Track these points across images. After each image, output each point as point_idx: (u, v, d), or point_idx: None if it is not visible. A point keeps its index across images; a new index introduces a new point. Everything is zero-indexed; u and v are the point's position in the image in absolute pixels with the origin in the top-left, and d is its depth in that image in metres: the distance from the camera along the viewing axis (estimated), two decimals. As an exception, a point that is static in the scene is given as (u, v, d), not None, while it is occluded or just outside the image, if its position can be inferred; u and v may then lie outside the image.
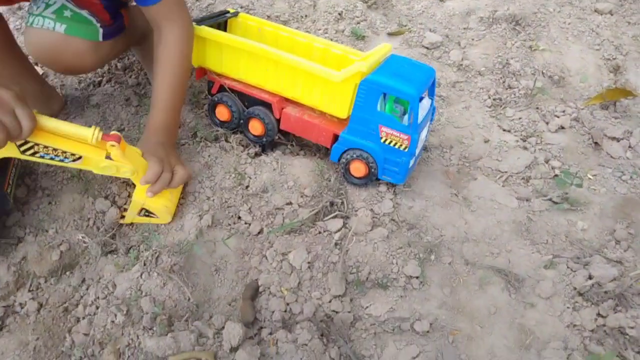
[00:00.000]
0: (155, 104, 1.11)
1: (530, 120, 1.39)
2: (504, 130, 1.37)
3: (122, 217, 1.08)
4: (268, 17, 1.75)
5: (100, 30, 1.13)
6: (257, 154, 1.25)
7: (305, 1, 1.84)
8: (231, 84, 1.22)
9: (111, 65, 1.51)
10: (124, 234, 1.08)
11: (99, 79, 1.47)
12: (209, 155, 1.22)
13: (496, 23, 1.68)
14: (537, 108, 1.43)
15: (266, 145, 1.25)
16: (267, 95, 1.19)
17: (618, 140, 1.34)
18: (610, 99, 1.42)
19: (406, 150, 1.10)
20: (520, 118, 1.40)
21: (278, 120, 1.20)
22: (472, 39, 1.65)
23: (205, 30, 1.16)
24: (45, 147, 0.90)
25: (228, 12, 1.29)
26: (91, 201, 1.10)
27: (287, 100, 1.20)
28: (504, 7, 1.76)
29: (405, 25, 1.74)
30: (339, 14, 1.76)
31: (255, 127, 1.21)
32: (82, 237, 1.02)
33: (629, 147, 1.33)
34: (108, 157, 0.94)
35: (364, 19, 1.75)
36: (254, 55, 1.14)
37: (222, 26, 1.28)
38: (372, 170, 1.14)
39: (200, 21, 1.19)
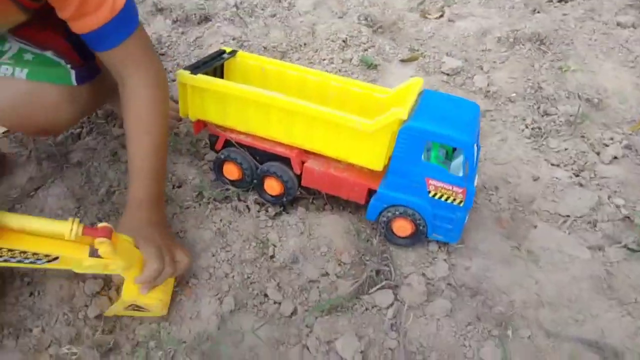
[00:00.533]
0: (135, 176, 0.89)
1: (579, 151, 1.23)
2: (552, 164, 1.21)
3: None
4: (264, 48, 1.57)
5: (73, 72, 0.91)
6: (277, 214, 1.04)
7: (302, 28, 1.67)
8: (239, 138, 1.02)
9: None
10: (125, 325, 0.86)
11: (78, 130, 1.24)
12: (220, 220, 1.01)
13: (518, 43, 1.54)
14: (582, 136, 1.28)
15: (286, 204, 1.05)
16: (284, 148, 1.00)
17: (679, 168, 1.19)
18: (659, 122, 1.28)
19: (461, 204, 0.92)
20: (566, 149, 1.25)
21: (298, 176, 1.01)
22: (495, 62, 1.50)
23: (204, 80, 0.96)
24: (11, 250, 0.68)
25: (224, 52, 1.09)
26: (82, 286, 0.88)
27: (307, 152, 1.00)
28: (521, 26, 1.62)
29: (418, 50, 1.58)
30: (343, 41, 1.59)
31: (273, 187, 1.01)
32: (68, 348, 0.79)
33: (692, 175, 1.18)
34: (94, 253, 0.72)
35: (371, 45, 1.58)
36: (265, 105, 0.94)
37: (219, 69, 1.08)
38: (420, 228, 0.96)
39: (195, 68, 0.99)
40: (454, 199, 0.93)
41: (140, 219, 0.86)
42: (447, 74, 1.47)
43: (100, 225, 0.69)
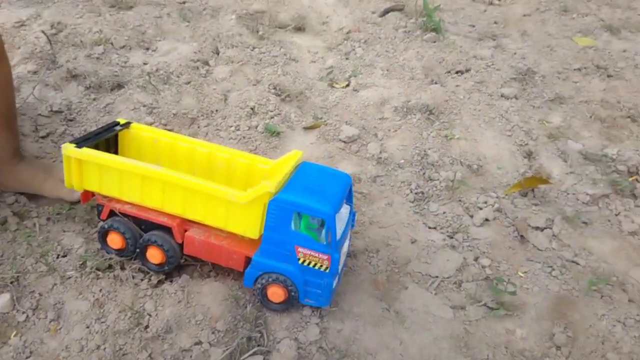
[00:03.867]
0: None
1: (455, 215, 1.34)
2: (430, 227, 1.31)
3: None
4: (174, 114, 1.64)
5: None
6: (160, 282, 1.08)
7: (215, 95, 1.76)
8: (123, 208, 1.06)
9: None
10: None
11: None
12: (100, 290, 1.04)
13: (410, 113, 1.67)
14: (460, 200, 1.39)
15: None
16: (166, 218, 1.05)
17: (542, 229, 1.32)
18: (528, 186, 1.42)
19: (327, 270, 0.99)
20: (444, 212, 1.35)
21: (181, 245, 1.06)
22: (389, 130, 1.62)
23: (86, 153, 1.01)
24: None
25: (118, 123, 1.15)
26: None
27: (190, 221, 1.06)
28: (416, 96, 1.77)
29: (321, 118, 1.69)
30: (252, 108, 1.68)
31: (155, 256, 1.05)
32: None
33: (553, 235, 1.30)
34: None
35: (277, 113, 1.68)
36: (146, 177, 1.00)
37: (113, 140, 1.14)
38: (292, 294, 1.01)
39: (84, 140, 1.04)
40: (321, 266, 0.99)
41: None
42: (344, 142, 1.57)
43: None
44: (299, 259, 1.00)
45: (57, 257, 1.10)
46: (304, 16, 2.38)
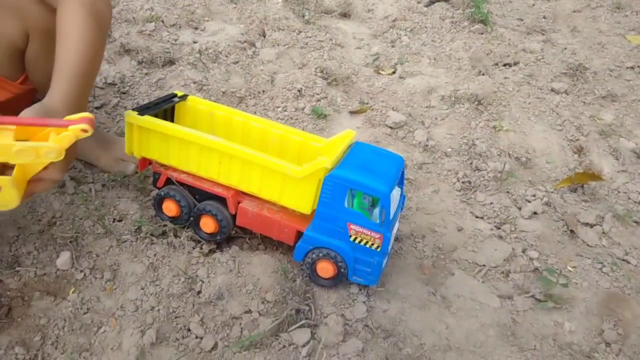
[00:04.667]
0: (61, 71, 0.87)
1: (502, 206, 1.33)
2: (477, 217, 1.30)
3: None
4: (223, 93, 1.66)
5: None
6: (211, 251, 1.10)
7: (262, 76, 1.77)
8: (179, 177, 1.08)
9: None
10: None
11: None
12: (154, 255, 1.06)
13: (458, 102, 1.66)
14: (508, 192, 1.37)
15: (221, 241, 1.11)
16: (221, 188, 1.06)
17: (591, 226, 1.29)
18: (578, 182, 1.39)
19: (378, 249, 0.99)
20: (491, 203, 1.34)
21: (233, 216, 1.07)
22: (436, 118, 1.61)
23: (149, 121, 1.03)
24: None
25: (175, 95, 1.17)
26: None
27: (243, 193, 1.07)
28: (464, 86, 1.75)
29: (367, 103, 1.69)
30: (298, 90, 1.69)
31: (208, 225, 1.07)
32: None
33: (603, 233, 1.28)
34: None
35: (324, 96, 1.69)
36: (205, 148, 1.02)
37: (170, 111, 1.16)
38: (342, 270, 1.02)
39: (144, 109, 1.06)
40: (372, 244, 1.00)
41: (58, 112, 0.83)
42: (391, 127, 1.57)
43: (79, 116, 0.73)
44: (350, 236, 1.01)
45: (113, 221, 1.13)
46: (350, 2, 2.37)
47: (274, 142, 1.18)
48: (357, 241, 1.00)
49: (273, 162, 0.99)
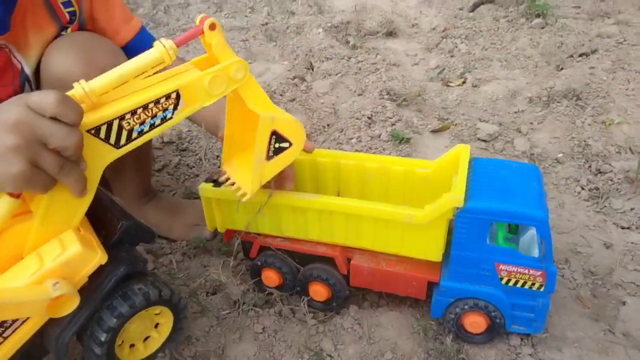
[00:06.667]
0: None
1: (649, 210, 1.11)
2: (623, 227, 1.08)
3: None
4: (288, 132, 1.51)
5: None
6: (329, 316, 0.92)
7: (323, 109, 1.62)
8: (275, 242, 0.92)
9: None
10: None
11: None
12: (264, 329, 0.89)
13: (553, 101, 1.46)
14: (648, 192, 1.16)
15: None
16: (325, 247, 0.89)
17: None
18: None
19: (542, 289, 0.79)
20: (632, 209, 1.13)
21: (346, 276, 0.89)
22: (532, 123, 1.42)
23: (228, 192, 0.86)
24: (134, 113, 0.61)
25: None
26: None
27: (351, 247, 0.90)
28: (549, 84, 1.56)
29: (447, 119, 1.52)
30: (369, 117, 1.53)
31: (319, 292, 0.90)
32: None
33: None
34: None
35: (398, 119, 1.52)
36: (300, 209, 0.85)
37: None
38: (497, 321, 0.82)
39: (216, 180, 0.91)
40: (533, 284, 0.80)
41: None
42: (485, 140, 1.38)
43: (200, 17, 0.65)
44: (501, 279, 0.81)
45: (207, 295, 0.97)
46: (392, 20, 2.25)
47: (372, 178, 1.00)
48: (511, 283, 0.81)
49: (386, 210, 0.80)
